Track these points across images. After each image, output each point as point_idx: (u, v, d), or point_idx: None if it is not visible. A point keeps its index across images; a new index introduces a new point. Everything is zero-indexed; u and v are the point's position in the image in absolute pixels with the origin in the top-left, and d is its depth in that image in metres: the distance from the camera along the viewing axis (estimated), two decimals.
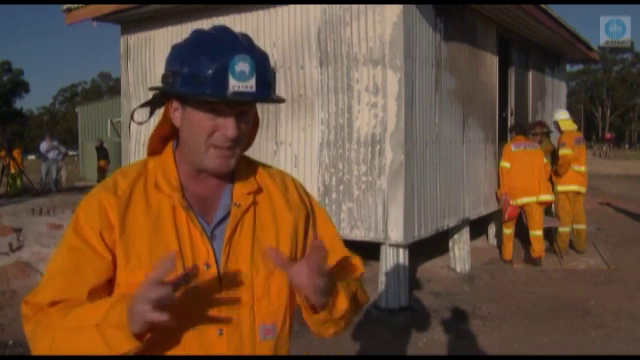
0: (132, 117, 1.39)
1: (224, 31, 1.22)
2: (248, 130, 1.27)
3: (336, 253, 1.42)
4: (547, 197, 7.14)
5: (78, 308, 1.16)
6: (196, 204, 1.29)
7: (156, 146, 1.36)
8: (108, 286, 1.23)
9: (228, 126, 1.20)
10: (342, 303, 1.25)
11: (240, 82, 1.15)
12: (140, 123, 1.38)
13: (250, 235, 1.30)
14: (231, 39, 1.20)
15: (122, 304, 1.09)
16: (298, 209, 1.39)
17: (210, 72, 1.15)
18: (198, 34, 1.23)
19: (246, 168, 1.37)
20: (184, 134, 1.26)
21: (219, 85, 1.15)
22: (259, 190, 1.36)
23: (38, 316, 1.20)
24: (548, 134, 7.83)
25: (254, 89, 1.17)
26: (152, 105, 1.34)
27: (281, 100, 1.27)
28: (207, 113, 1.20)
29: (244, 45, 1.19)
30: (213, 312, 1.23)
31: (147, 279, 1.05)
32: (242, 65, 1.15)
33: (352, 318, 1.36)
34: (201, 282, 1.22)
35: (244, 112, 1.23)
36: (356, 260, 1.46)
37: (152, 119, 1.37)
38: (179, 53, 1.22)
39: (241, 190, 1.32)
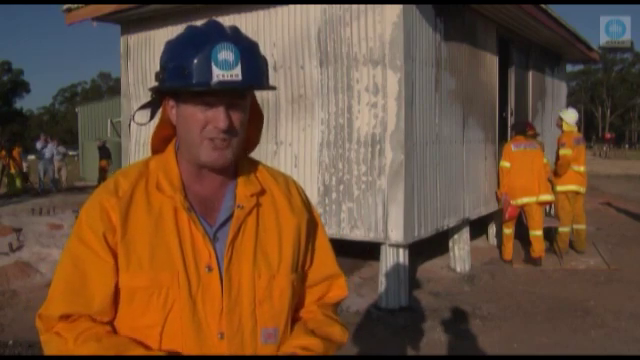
0: (133, 119, 1.38)
1: (212, 24, 1.22)
2: (244, 121, 1.24)
3: (326, 267, 1.42)
4: (547, 197, 7.14)
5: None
6: (198, 205, 1.27)
7: (158, 146, 1.36)
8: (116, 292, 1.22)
9: (218, 117, 1.18)
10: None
11: (224, 71, 1.14)
12: (141, 124, 1.38)
13: (253, 238, 1.28)
14: (216, 30, 1.19)
15: None
16: (301, 213, 1.37)
17: (194, 63, 1.14)
18: (187, 29, 1.24)
19: (249, 169, 1.36)
20: (180, 130, 1.25)
21: (203, 75, 1.14)
22: (262, 192, 1.34)
23: (50, 334, 1.21)
24: (535, 137, 7.79)
25: (240, 77, 1.15)
26: (152, 106, 1.33)
27: (271, 88, 1.25)
28: (198, 106, 1.19)
29: (228, 35, 1.18)
30: (214, 315, 1.21)
31: None
32: (225, 54, 1.14)
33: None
34: (202, 285, 1.21)
35: (234, 103, 1.21)
36: (340, 281, 1.46)
37: (153, 120, 1.37)
38: (169, 49, 1.22)
39: (244, 192, 1.30)
